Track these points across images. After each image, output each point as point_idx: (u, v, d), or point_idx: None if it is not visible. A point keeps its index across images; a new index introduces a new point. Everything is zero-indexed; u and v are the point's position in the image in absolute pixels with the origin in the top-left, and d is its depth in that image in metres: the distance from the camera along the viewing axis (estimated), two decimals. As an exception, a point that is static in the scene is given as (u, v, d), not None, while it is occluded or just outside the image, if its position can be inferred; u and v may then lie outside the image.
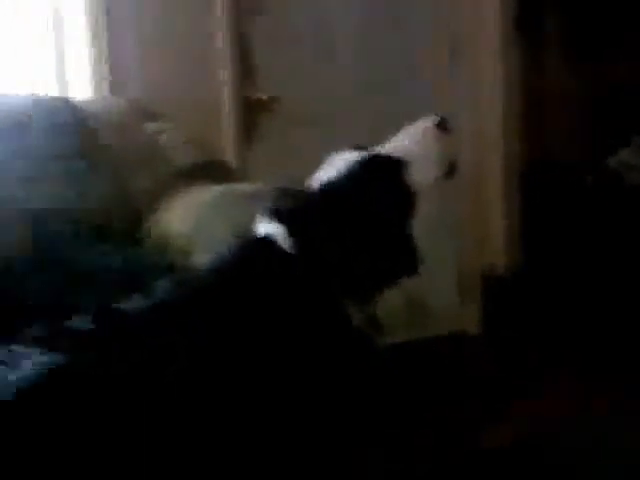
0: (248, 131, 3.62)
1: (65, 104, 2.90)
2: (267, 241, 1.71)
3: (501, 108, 4.20)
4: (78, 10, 3.28)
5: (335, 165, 1.80)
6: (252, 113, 3.63)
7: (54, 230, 2.47)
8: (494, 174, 4.23)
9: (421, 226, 1.75)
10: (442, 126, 1.82)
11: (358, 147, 1.84)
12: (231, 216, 2.39)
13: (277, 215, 1.73)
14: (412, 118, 1.89)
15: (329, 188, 1.75)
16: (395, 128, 1.89)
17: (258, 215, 1.76)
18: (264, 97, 3.64)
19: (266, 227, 1.73)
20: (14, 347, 1.51)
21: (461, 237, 3.58)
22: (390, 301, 1.73)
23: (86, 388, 1.46)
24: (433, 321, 2.34)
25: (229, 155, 3.50)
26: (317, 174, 1.81)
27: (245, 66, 3.61)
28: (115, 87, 3.31)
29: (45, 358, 1.46)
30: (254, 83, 3.64)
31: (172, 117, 3.15)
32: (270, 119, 3.68)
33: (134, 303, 1.64)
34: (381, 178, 1.75)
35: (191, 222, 2.50)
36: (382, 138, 1.87)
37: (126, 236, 2.59)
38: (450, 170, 1.82)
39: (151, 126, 3.08)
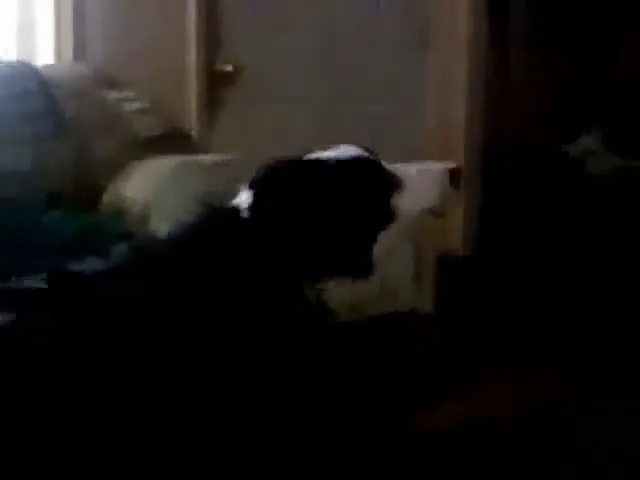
0: (212, 102, 3.60)
1: (28, 69, 2.87)
2: (230, 210, 1.70)
3: (465, 95, 4.20)
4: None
5: (333, 152, 1.78)
6: (216, 84, 3.61)
7: (7, 194, 2.45)
8: (456, 158, 4.24)
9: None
10: (453, 176, 1.84)
11: (367, 149, 1.81)
12: (189, 186, 2.38)
13: (251, 185, 1.72)
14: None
15: (308, 168, 1.74)
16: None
17: (243, 184, 1.75)
18: (229, 68, 3.62)
19: (241, 196, 1.72)
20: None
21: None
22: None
23: (32, 347, 1.45)
24: (385, 299, 2.34)
25: (192, 126, 3.47)
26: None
27: (210, 36, 3.58)
28: (78, 53, 3.27)
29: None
30: (219, 54, 3.62)
31: (135, 85, 3.13)
32: (234, 90, 3.66)
33: (89, 265, 1.62)
34: (366, 181, 1.74)
35: (149, 191, 2.49)
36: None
37: (83, 203, 2.57)
38: (440, 215, 1.88)
39: (113, 94, 3.06)
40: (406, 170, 1.80)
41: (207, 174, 2.52)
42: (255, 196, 1.70)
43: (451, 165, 1.83)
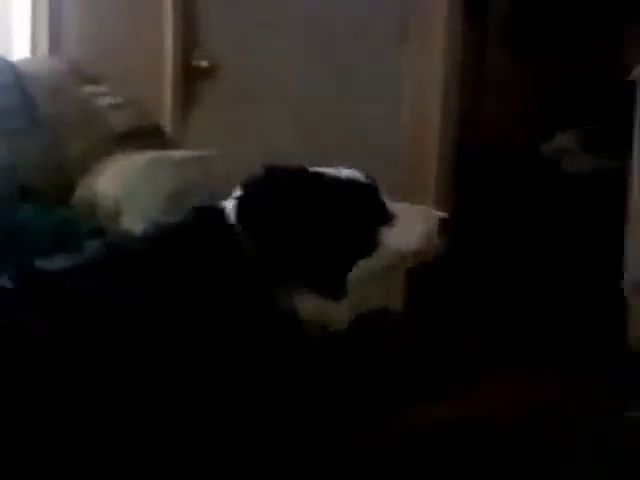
0: (188, 98, 3.60)
1: (3, 63, 2.86)
2: (214, 211, 1.70)
3: (442, 93, 4.21)
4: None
5: (333, 170, 1.78)
6: (193, 80, 3.61)
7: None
8: (430, 158, 4.25)
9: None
10: (443, 225, 1.82)
11: (368, 176, 1.80)
12: (160, 182, 2.39)
13: (243, 186, 1.72)
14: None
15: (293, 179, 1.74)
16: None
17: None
18: (205, 64, 3.62)
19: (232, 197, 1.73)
20: None
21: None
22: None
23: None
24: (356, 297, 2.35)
25: (167, 122, 3.47)
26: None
27: (187, 32, 3.57)
28: (54, 48, 3.27)
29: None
30: (195, 50, 3.61)
31: (111, 80, 3.12)
32: (210, 87, 3.65)
33: (58, 263, 1.62)
34: (360, 207, 1.74)
35: (120, 186, 2.49)
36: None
37: (55, 198, 2.56)
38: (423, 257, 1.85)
39: (88, 89, 3.06)
40: (400, 207, 1.80)
41: (179, 170, 2.52)
42: (245, 198, 1.70)
43: (443, 214, 1.83)
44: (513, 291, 3.91)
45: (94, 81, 3.09)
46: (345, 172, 1.77)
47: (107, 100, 3.02)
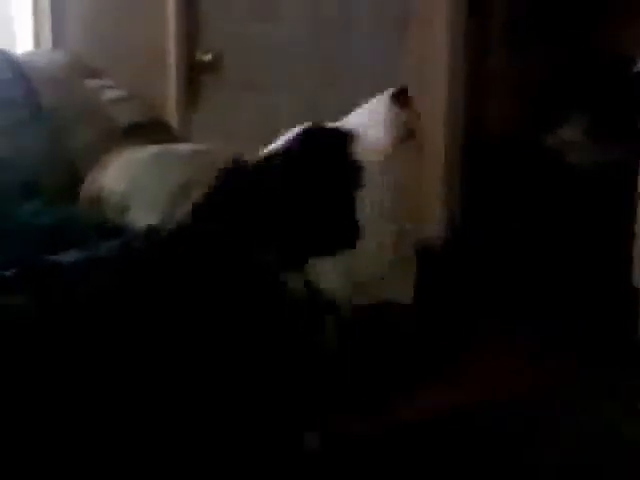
0: (192, 92, 3.59)
1: (6, 57, 2.84)
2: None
3: (446, 85, 4.21)
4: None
5: (283, 138, 1.77)
6: (196, 74, 3.60)
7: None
8: (436, 151, 4.24)
9: (369, 199, 1.69)
10: (398, 97, 1.78)
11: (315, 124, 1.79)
12: (167, 176, 2.37)
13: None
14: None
15: (267, 158, 1.73)
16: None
17: None
18: (209, 58, 3.60)
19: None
20: None
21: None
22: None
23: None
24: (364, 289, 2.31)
25: (171, 115, 3.46)
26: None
27: (191, 25, 3.56)
28: (57, 41, 3.26)
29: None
30: (199, 43, 3.60)
31: (114, 74, 3.11)
32: (214, 80, 3.65)
33: (69, 256, 1.60)
34: (320, 149, 1.72)
35: (126, 180, 2.47)
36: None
37: (59, 193, 2.54)
38: (407, 135, 1.77)
39: (92, 82, 3.04)
40: (348, 119, 1.78)
41: (185, 163, 2.50)
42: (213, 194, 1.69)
43: (390, 91, 1.77)
44: (520, 285, 3.90)
45: (98, 74, 3.07)
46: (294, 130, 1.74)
47: (111, 93, 3.00)
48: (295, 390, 1.65)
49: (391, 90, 1.78)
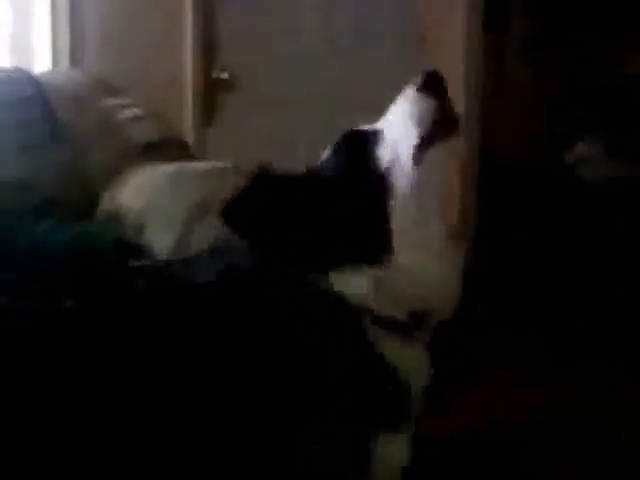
0: (208, 110, 3.60)
1: (25, 76, 2.86)
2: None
3: (462, 102, 4.20)
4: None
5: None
6: (213, 92, 3.61)
7: (2, 202, 2.43)
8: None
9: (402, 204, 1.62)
10: (425, 85, 1.65)
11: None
12: (184, 194, 2.37)
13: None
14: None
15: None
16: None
17: None
18: (225, 76, 3.61)
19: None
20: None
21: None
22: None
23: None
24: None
25: (188, 132, 3.47)
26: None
27: (207, 44, 3.58)
28: (75, 60, 3.27)
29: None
30: (216, 62, 3.62)
31: (132, 92, 3.12)
32: (231, 99, 3.66)
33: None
34: (347, 157, 1.68)
35: (144, 199, 2.48)
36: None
37: (76, 211, 2.55)
38: (448, 128, 1.66)
39: (110, 101, 3.04)
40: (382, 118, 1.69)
41: (202, 182, 2.51)
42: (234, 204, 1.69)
43: (416, 80, 1.62)
44: (536, 298, 3.89)
45: (115, 93, 3.08)
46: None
47: (129, 112, 3.00)
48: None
49: (415, 80, 1.65)
